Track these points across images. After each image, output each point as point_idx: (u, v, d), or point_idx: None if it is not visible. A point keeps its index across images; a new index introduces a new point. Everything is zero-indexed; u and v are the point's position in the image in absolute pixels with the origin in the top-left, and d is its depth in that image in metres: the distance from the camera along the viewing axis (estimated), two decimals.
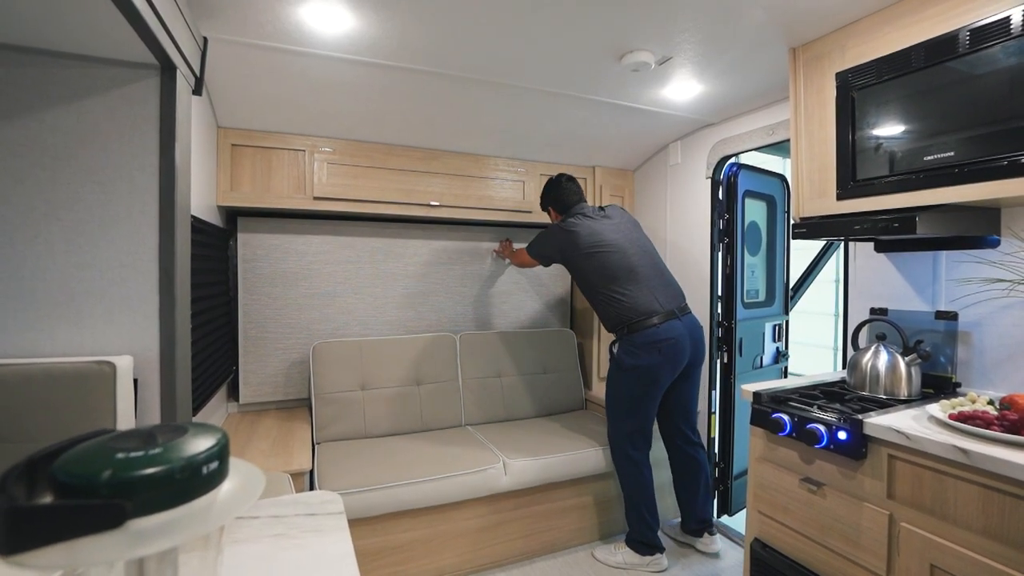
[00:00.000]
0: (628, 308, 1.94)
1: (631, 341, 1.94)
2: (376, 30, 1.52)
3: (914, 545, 1.12)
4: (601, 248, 2.00)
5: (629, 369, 1.94)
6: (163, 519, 0.37)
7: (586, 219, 2.07)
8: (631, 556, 1.96)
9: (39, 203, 1.27)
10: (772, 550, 1.45)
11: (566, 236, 2.06)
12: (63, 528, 0.33)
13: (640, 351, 1.92)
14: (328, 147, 2.19)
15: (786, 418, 1.38)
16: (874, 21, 1.42)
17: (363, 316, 2.49)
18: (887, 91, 1.36)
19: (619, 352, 1.99)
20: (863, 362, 1.49)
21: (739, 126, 2.25)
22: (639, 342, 1.92)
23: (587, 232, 2.03)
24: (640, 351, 1.92)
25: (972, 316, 1.48)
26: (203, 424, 0.45)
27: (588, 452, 2.11)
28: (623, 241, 2.03)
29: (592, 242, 2.01)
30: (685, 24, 1.51)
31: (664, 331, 1.92)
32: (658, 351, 1.91)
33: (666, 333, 1.92)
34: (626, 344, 1.95)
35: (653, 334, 1.91)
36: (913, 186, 1.31)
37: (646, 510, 1.96)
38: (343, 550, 0.71)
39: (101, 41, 1.23)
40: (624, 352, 1.96)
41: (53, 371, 1.20)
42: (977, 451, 1.00)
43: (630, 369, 1.93)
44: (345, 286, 2.45)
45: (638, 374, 1.92)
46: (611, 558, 1.99)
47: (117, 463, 0.36)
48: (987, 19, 1.15)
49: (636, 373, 1.93)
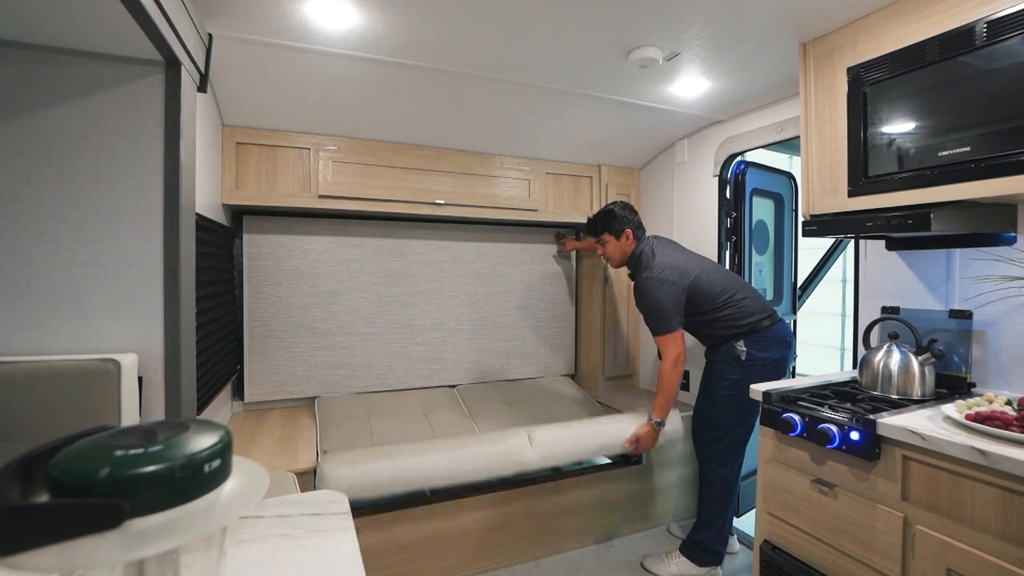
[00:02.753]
0: (748, 311, 1.89)
1: (761, 336, 1.87)
2: (381, 26, 1.51)
3: (930, 548, 1.09)
4: (698, 269, 1.95)
5: (762, 364, 1.85)
6: (163, 519, 0.35)
7: (657, 248, 2.00)
8: (687, 566, 1.91)
9: (45, 200, 1.27)
10: (782, 552, 1.43)
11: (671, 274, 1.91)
12: (59, 528, 0.32)
13: (771, 345, 1.87)
14: (333, 145, 2.18)
15: (797, 418, 1.36)
16: (886, 15, 1.40)
17: (368, 314, 2.48)
18: (900, 86, 1.34)
19: (748, 348, 1.86)
20: (875, 361, 1.46)
21: (747, 123, 2.23)
22: (771, 337, 1.87)
23: (670, 263, 1.94)
24: (771, 345, 1.87)
25: (987, 315, 1.45)
26: (205, 421, 0.44)
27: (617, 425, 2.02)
28: (699, 260, 2.02)
29: (683, 270, 1.93)
30: (693, 19, 1.49)
31: (785, 328, 1.92)
32: (787, 345, 1.90)
33: (787, 329, 1.93)
34: (754, 340, 1.87)
35: (780, 328, 1.90)
36: (927, 182, 1.29)
37: (729, 519, 1.94)
38: (349, 550, 0.69)
39: (106, 38, 1.22)
40: (754, 347, 1.86)
41: (58, 369, 1.20)
42: (996, 452, 0.98)
43: (764, 364, 1.85)
44: (350, 284, 2.44)
45: (771, 367, 1.86)
46: (665, 568, 1.93)
47: (115, 461, 0.35)
48: (1005, 11, 1.13)
49: (768, 367, 1.85)
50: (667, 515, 2.32)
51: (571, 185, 2.72)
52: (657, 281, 1.90)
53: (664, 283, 1.89)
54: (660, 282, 1.89)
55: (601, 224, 2.08)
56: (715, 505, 1.92)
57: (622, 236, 2.06)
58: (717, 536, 1.91)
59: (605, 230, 2.08)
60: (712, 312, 1.91)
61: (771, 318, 1.88)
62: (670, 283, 1.89)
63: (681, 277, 1.90)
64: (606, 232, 2.08)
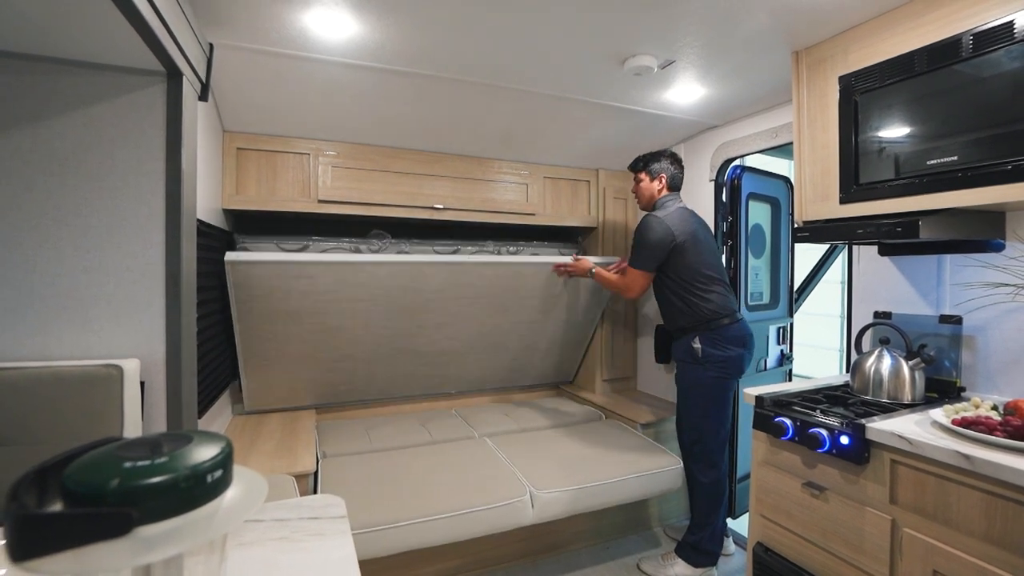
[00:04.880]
0: (716, 306, 1.92)
1: (718, 335, 1.90)
2: (380, 35, 1.53)
3: (917, 550, 1.11)
4: (693, 241, 1.96)
5: (717, 362, 1.89)
6: (169, 526, 0.38)
7: (679, 208, 2.04)
8: (683, 568, 1.93)
9: (48, 208, 1.29)
10: (774, 554, 1.45)
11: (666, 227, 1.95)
12: (73, 535, 0.34)
13: (727, 343, 1.90)
14: (332, 150, 2.21)
15: (788, 422, 1.38)
16: (876, 25, 1.42)
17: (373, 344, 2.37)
18: (890, 95, 1.36)
19: (703, 345, 1.91)
20: (866, 366, 1.48)
21: (742, 129, 2.25)
22: (726, 335, 1.90)
23: (680, 220, 1.98)
24: (727, 343, 1.90)
25: (977, 320, 1.47)
26: (208, 432, 0.46)
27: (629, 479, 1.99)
28: (703, 239, 2.01)
29: (686, 233, 1.96)
30: (687, 28, 1.52)
31: (744, 327, 1.95)
32: (743, 344, 1.93)
33: (747, 328, 1.95)
34: (710, 337, 1.91)
35: (738, 328, 1.93)
36: (916, 190, 1.31)
37: (720, 521, 1.96)
38: (345, 554, 0.71)
39: (109, 49, 1.24)
40: (709, 344, 1.90)
41: (61, 374, 1.22)
42: (980, 457, 1.00)
43: (718, 362, 1.89)
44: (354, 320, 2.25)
45: (726, 364, 1.89)
46: (662, 570, 1.95)
47: (125, 472, 0.37)
48: (990, 23, 1.15)
49: (724, 363, 1.89)
50: (662, 517, 2.34)
51: (569, 189, 2.75)
52: (656, 220, 1.98)
53: (661, 226, 1.96)
54: (658, 222, 1.97)
55: (643, 162, 2.13)
56: (705, 507, 1.94)
57: (656, 179, 2.10)
58: (710, 537, 1.93)
59: (644, 168, 2.12)
60: (683, 290, 1.95)
61: (731, 318, 1.93)
62: (666, 229, 1.95)
63: (680, 231, 1.95)
64: (644, 171, 2.12)
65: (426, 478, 1.88)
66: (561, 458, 2.09)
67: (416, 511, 1.69)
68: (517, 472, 1.96)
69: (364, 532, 1.59)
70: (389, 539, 1.63)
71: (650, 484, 2.04)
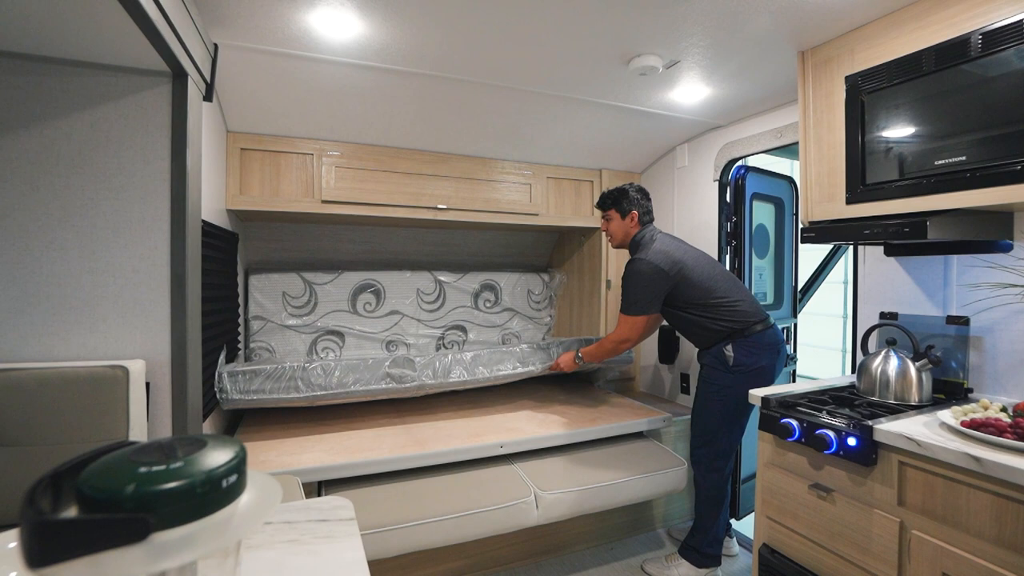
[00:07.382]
0: (742, 312, 1.88)
1: (751, 342, 1.85)
2: (384, 35, 1.53)
3: (925, 553, 1.11)
4: (691, 265, 1.94)
5: (749, 371, 1.83)
6: (185, 532, 0.37)
7: (659, 239, 2.00)
8: (687, 569, 1.92)
9: (54, 209, 1.29)
10: (780, 555, 1.45)
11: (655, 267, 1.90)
12: (89, 542, 0.34)
13: (761, 351, 1.85)
14: (336, 151, 2.20)
15: (795, 424, 1.37)
16: (883, 25, 1.41)
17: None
18: (897, 94, 1.35)
19: (736, 354, 1.84)
20: (873, 367, 1.48)
21: (747, 129, 2.24)
22: (761, 342, 1.85)
23: (664, 253, 1.93)
24: (761, 351, 1.85)
25: (984, 321, 1.46)
26: (221, 437, 0.46)
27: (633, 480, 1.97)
28: (695, 256, 1.99)
29: (678, 263, 1.92)
30: (692, 28, 1.51)
31: (778, 333, 1.92)
32: (776, 352, 1.89)
33: (779, 336, 1.92)
34: (743, 345, 1.85)
35: (773, 335, 1.89)
36: (924, 190, 1.30)
37: (722, 523, 1.95)
38: (355, 556, 0.71)
39: (114, 50, 1.24)
40: (742, 352, 1.84)
41: (67, 375, 1.22)
42: (990, 459, 0.99)
43: (751, 370, 1.83)
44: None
45: (757, 374, 1.84)
46: (666, 572, 1.94)
47: (140, 477, 0.37)
48: (1000, 22, 1.15)
49: (755, 374, 1.84)
50: (666, 518, 2.34)
51: (572, 189, 2.74)
52: (645, 264, 1.92)
53: (651, 268, 1.91)
54: (647, 265, 1.92)
55: (611, 200, 2.09)
56: (708, 509, 1.94)
57: (627, 217, 2.06)
58: (713, 539, 1.93)
59: (613, 207, 2.08)
60: (703, 308, 1.91)
61: (764, 323, 1.88)
62: (657, 269, 1.90)
63: (671, 265, 1.91)
64: (613, 209, 2.08)
65: (430, 479, 1.88)
66: (565, 459, 2.08)
67: (420, 512, 1.68)
68: (521, 473, 1.96)
69: (369, 533, 1.58)
70: (394, 540, 1.62)
71: (654, 485, 2.03)
